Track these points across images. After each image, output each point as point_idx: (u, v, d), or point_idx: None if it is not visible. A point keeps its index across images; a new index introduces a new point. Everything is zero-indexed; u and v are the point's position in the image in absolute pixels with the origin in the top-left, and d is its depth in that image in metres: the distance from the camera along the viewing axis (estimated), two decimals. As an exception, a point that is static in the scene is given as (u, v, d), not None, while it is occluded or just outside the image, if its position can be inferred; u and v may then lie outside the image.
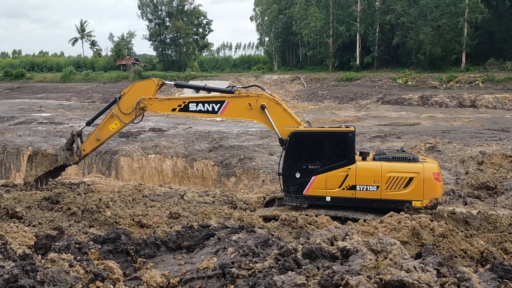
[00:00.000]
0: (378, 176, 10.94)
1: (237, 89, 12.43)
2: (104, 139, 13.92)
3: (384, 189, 10.90)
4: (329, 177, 11.31)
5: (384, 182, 10.88)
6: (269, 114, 11.95)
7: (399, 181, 10.84)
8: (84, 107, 48.09)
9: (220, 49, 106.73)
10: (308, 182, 11.48)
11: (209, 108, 12.50)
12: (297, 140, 11.64)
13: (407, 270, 3.30)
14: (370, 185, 11.00)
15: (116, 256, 5.43)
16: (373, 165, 11.17)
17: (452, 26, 53.06)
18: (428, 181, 10.74)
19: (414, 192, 10.79)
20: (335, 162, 11.29)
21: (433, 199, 10.78)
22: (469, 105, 40.91)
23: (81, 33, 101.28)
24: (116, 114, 13.39)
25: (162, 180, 22.90)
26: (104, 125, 13.70)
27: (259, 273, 3.87)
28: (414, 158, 11.24)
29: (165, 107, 13.28)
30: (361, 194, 11.07)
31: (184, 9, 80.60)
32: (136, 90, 13.35)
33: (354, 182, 11.09)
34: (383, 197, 10.92)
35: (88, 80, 72.78)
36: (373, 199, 11.00)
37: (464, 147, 20.88)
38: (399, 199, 10.79)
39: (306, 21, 63.02)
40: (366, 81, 53.17)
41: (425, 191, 10.77)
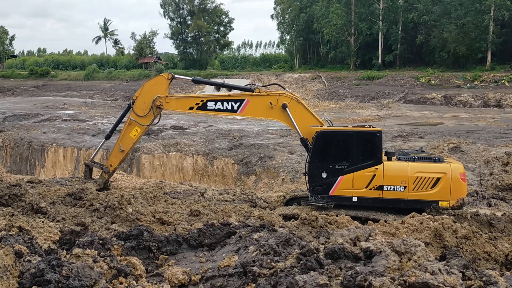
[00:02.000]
0: (406, 176, 10.93)
1: (257, 87, 12.32)
2: (128, 148, 13.41)
3: (412, 189, 10.90)
4: (356, 177, 11.25)
5: (411, 183, 10.88)
6: (290, 113, 11.88)
7: (427, 181, 10.85)
8: (106, 105, 48.84)
9: (241, 48, 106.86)
10: (334, 182, 11.41)
11: (228, 106, 12.35)
12: (324, 139, 11.58)
13: (432, 272, 3.25)
14: (398, 185, 10.99)
15: (139, 252, 5.50)
16: (401, 165, 11.13)
17: (477, 24, 51.94)
18: (455, 181, 10.75)
19: (441, 192, 10.80)
20: (362, 162, 11.24)
21: (459, 199, 10.79)
22: (494, 104, 40.02)
23: (105, 32, 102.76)
24: (134, 119, 12.95)
25: (183, 177, 23.10)
26: (124, 134, 13.22)
27: (280, 272, 3.87)
28: (439, 159, 11.23)
29: (182, 106, 13.02)
30: (388, 194, 11.03)
31: (205, 7, 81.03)
32: (147, 90, 12.97)
33: (382, 182, 11.06)
34: (410, 197, 10.91)
35: (110, 78, 73.87)
36: (400, 199, 10.98)
37: (489, 147, 20.45)
38: (426, 199, 10.82)
39: (327, 20, 62.58)
40: (388, 80, 52.52)
41: (452, 191, 10.78)
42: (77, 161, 25.49)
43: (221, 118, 39.55)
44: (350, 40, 63.94)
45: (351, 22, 63.02)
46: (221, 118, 40.21)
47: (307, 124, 11.91)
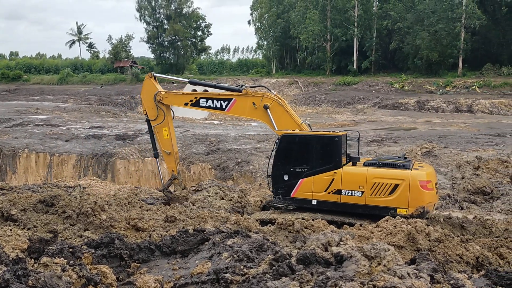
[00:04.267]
0: (363, 181, 10.82)
1: (245, 88, 12.70)
2: (171, 148, 13.89)
3: (369, 195, 10.76)
4: (315, 181, 11.37)
5: (369, 188, 10.74)
6: (271, 114, 12.14)
7: (385, 188, 10.63)
8: (81, 110, 48.00)
9: (219, 53, 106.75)
10: (295, 185, 11.58)
11: (217, 104, 12.86)
12: (286, 143, 11.81)
13: (401, 276, 3.28)
14: (355, 190, 10.91)
15: (110, 260, 5.39)
16: (359, 170, 11.07)
17: (449, 31, 53.30)
18: (414, 189, 10.42)
19: (399, 200, 10.52)
20: (321, 166, 11.36)
21: (419, 208, 10.34)
22: (465, 110, 41.06)
23: (79, 36, 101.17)
24: (155, 125, 13.72)
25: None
26: (160, 141, 13.89)
27: (253, 279, 3.85)
28: (404, 165, 10.87)
29: (178, 101, 13.68)
30: (346, 199, 11.02)
31: (182, 12, 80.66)
32: (145, 96, 13.82)
33: (340, 187, 11.06)
34: (368, 203, 10.78)
35: (85, 83, 72.71)
36: (358, 205, 10.89)
37: (461, 152, 20.92)
38: (384, 206, 10.60)
39: (304, 26, 63.23)
40: (363, 86, 53.32)
41: (411, 199, 10.42)
42: (50, 167, 24.93)
43: (198, 123, 39.37)
44: (326, 46, 64.70)
45: (327, 28, 63.81)
46: (198, 123, 40.03)
47: (285, 126, 12.11)
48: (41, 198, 11.13)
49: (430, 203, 10.67)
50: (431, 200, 10.75)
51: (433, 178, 11.13)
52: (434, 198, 10.93)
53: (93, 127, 33.58)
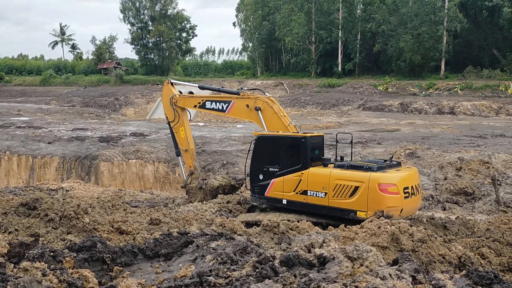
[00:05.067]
0: (327, 182, 10.85)
1: (243, 91, 13.26)
2: (188, 146, 15.26)
3: (332, 197, 10.77)
4: (285, 181, 11.59)
5: (331, 189, 10.76)
6: (262, 116, 12.63)
7: (346, 190, 10.57)
8: (63, 111, 47.37)
9: (204, 54, 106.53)
10: (269, 184, 11.90)
11: (219, 106, 13.63)
12: (261, 143, 12.24)
13: (383, 277, 3.30)
14: (319, 191, 10.98)
15: (92, 264, 5.31)
16: (323, 171, 11.12)
17: (432, 34, 54.10)
18: (372, 192, 10.22)
19: (359, 202, 10.38)
20: (290, 166, 11.59)
21: (378, 211, 10.05)
22: (447, 112, 41.64)
23: (61, 37, 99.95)
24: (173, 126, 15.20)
25: (143, 185, 22.67)
26: (178, 140, 15.40)
27: (236, 282, 3.83)
28: (370, 167, 10.63)
29: (189, 103, 14.76)
30: (312, 199, 11.12)
31: (167, 13, 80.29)
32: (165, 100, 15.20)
33: (306, 187, 11.19)
34: (331, 205, 10.80)
35: (68, 84, 71.77)
36: (322, 206, 10.95)
37: (443, 153, 21.19)
38: (345, 208, 10.56)
39: (289, 28, 63.50)
40: (348, 88, 53.72)
41: (370, 202, 10.25)
42: (32, 169, 24.53)
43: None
44: (311, 48, 65.06)
45: (312, 30, 64.17)
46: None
47: (274, 128, 12.52)
48: (23, 201, 10.96)
49: (391, 208, 10.24)
50: (394, 205, 10.29)
51: (405, 182, 10.60)
52: (398, 202, 10.37)
53: (76, 129, 33.17)
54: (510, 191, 16.57)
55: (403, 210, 10.40)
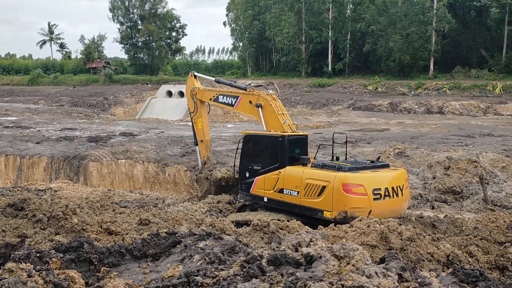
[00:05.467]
0: (299, 181, 10.94)
1: (250, 87, 13.53)
2: (203, 137, 15.84)
3: (303, 196, 10.85)
4: (266, 179, 11.82)
5: (303, 188, 10.82)
6: (262, 113, 12.77)
7: (314, 189, 10.60)
8: (52, 111, 46.93)
9: (194, 54, 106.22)
10: (253, 182, 12.17)
11: (229, 101, 13.89)
12: (247, 142, 12.62)
13: (369, 275, 3.32)
14: (293, 190, 11.09)
15: (79, 265, 5.27)
16: (297, 170, 11.22)
17: (421, 34, 54.52)
18: (337, 192, 10.15)
19: (325, 202, 10.37)
20: (270, 165, 11.82)
21: (341, 212, 10.04)
22: (436, 111, 41.99)
23: (50, 36, 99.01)
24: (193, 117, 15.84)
25: (133, 185, 22.52)
26: (196, 131, 16.03)
27: (223, 281, 3.83)
28: (340, 167, 10.54)
29: (206, 96, 15.01)
30: (287, 198, 11.25)
31: (156, 12, 79.92)
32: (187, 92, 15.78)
33: (282, 186, 11.35)
34: (302, 203, 10.88)
35: (56, 83, 71.12)
36: (295, 204, 11.07)
37: (432, 152, 21.35)
38: (313, 207, 10.59)
39: (279, 28, 63.56)
40: (338, 87, 53.91)
41: (334, 202, 10.20)
42: (20, 170, 24.26)
43: (173, 125, 39.04)
44: (301, 48, 65.19)
45: (302, 30, 64.30)
46: (173, 124, 39.69)
47: (272, 126, 12.65)
48: (11, 202, 10.86)
49: (357, 209, 10.10)
50: (359, 206, 10.15)
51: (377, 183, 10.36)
52: (365, 204, 10.20)
53: (64, 129, 32.88)
54: (497, 189, 16.76)
55: (372, 212, 10.08)
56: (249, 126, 37.12)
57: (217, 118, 45.57)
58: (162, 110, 48.14)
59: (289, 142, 11.68)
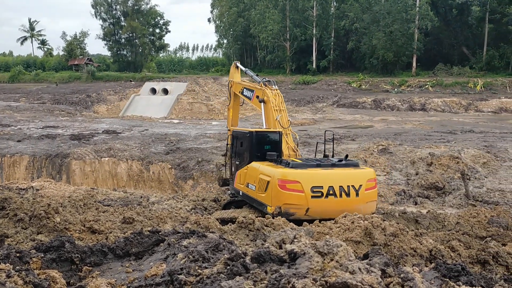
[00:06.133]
0: (256, 176, 11.28)
1: (262, 81, 13.55)
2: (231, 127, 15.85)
3: (257, 190, 11.15)
4: (241, 174, 12.25)
5: (257, 183, 11.12)
6: (264, 108, 12.97)
7: (263, 184, 10.82)
8: (33, 109, 46.16)
9: (178, 50, 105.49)
10: (235, 176, 12.66)
11: (248, 94, 14.03)
12: (233, 138, 13.20)
13: (352, 271, 3.33)
14: (252, 184, 11.46)
15: (60, 265, 5.18)
16: (256, 166, 11.51)
17: (404, 32, 55.03)
18: (274, 188, 10.28)
19: (267, 197, 10.57)
20: (244, 160, 12.30)
21: (277, 207, 10.12)
22: (419, 108, 42.49)
23: (31, 32, 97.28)
24: (228, 106, 16.25)
25: (117, 184, 22.32)
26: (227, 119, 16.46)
27: (207, 279, 3.80)
28: (288, 163, 10.60)
29: (237, 89, 15.13)
30: (250, 192, 11.59)
31: (140, 9, 79.14)
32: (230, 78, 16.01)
33: (248, 180, 11.74)
34: (257, 198, 11.20)
35: (38, 81, 69.96)
36: (254, 198, 11.42)
37: (414, 149, 21.60)
38: (262, 202, 10.85)
39: (264, 25, 63.49)
40: (322, 85, 54.15)
41: (272, 197, 10.35)
42: (1, 168, 23.83)
43: (157, 122, 38.73)
44: (286, 45, 65.26)
45: (286, 28, 64.35)
46: (157, 121, 39.38)
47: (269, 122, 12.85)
48: (-10, 202, 10.61)
49: (292, 205, 10.13)
50: (294, 202, 10.14)
51: (319, 181, 10.23)
52: (302, 201, 10.13)
53: (46, 127, 32.39)
54: (478, 185, 17.05)
55: (310, 209, 10.08)
56: (234, 123, 37.04)
57: (202, 116, 45.39)
58: (146, 107, 47.77)
59: (257, 138, 11.98)
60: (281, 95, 13.07)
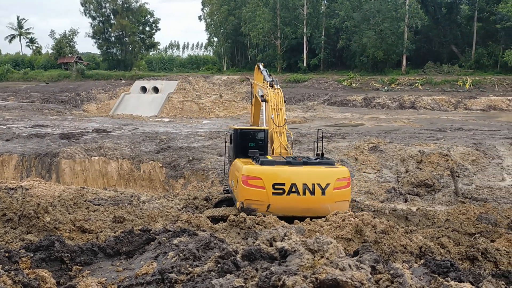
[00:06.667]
0: (233, 173, 11.66)
1: (269, 81, 13.73)
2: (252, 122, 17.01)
3: (234, 186, 11.44)
4: (230, 170, 12.59)
5: (235, 180, 11.35)
6: (264, 108, 13.18)
7: (236, 180, 11.09)
8: (22, 107, 45.70)
9: (168, 49, 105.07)
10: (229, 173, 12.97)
11: (260, 93, 14.10)
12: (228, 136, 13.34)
13: (342, 268, 3.36)
14: (233, 180, 11.71)
15: (50, 264, 5.15)
16: (236, 162, 11.77)
17: (394, 30, 55.32)
18: (239, 183, 10.41)
19: (237, 192, 10.84)
20: (232, 157, 12.65)
21: (241, 203, 10.31)
22: (409, 106, 42.78)
23: (19, 30, 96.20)
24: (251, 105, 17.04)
25: (107, 183, 22.18)
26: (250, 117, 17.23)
27: (197, 277, 3.80)
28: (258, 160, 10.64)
29: (256, 89, 15.55)
30: (233, 188, 11.82)
31: (130, 7, 78.60)
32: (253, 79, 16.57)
33: (231, 177, 12.05)
34: (234, 194, 11.59)
35: (26, 79, 69.27)
36: (233, 195, 11.78)
37: (405, 146, 21.76)
38: (235, 198, 11.18)
39: (254, 23, 63.43)
40: (313, 83, 54.27)
41: (238, 193, 10.59)
42: (-11, 168, 23.55)
43: (147, 121, 38.55)
44: (277, 43, 65.27)
45: (277, 26, 64.35)
46: (148, 120, 39.20)
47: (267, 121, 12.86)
48: (-22, 201, 10.49)
49: (253, 201, 10.17)
50: (255, 198, 10.17)
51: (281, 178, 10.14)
52: (263, 197, 10.13)
53: (36, 126, 32.10)
54: (468, 182, 17.23)
55: (271, 206, 10.08)
56: (225, 122, 37.01)
57: (193, 114, 45.28)
58: (136, 106, 47.54)
59: (240, 135, 12.32)
60: (281, 94, 13.06)
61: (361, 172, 18.75)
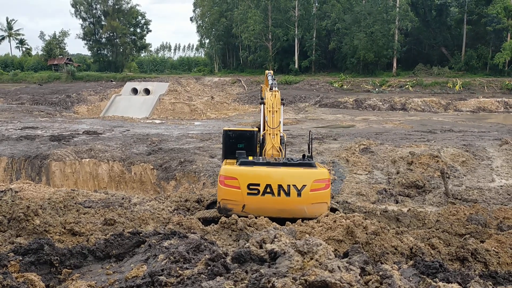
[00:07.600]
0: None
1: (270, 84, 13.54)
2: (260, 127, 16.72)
3: None
4: None
5: None
6: (263, 109, 13.02)
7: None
8: (12, 109, 45.27)
9: (159, 50, 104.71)
10: None
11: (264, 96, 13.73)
12: None
13: (331, 270, 3.37)
14: None
15: (39, 267, 5.10)
16: (224, 164, 11.80)
17: (384, 32, 55.70)
18: (218, 184, 10.69)
19: (217, 192, 10.97)
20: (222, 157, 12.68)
21: (218, 202, 10.46)
22: (399, 108, 43.05)
23: (8, 31, 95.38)
24: None
25: (98, 185, 22.03)
26: None
27: (187, 280, 3.80)
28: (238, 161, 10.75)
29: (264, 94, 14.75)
30: None
31: (121, 8, 78.31)
32: None
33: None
34: None
35: (16, 81, 68.68)
36: None
37: (395, 148, 21.87)
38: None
39: (246, 25, 63.50)
40: (304, 85, 54.41)
41: (217, 193, 10.69)
42: (-22, 171, 23.29)
43: (138, 123, 38.38)
44: (268, 45, 65.38)
45: (268, 28, 64.47)
46: (139, 122, 39.03)
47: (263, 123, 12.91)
48: (-34, 204, 10.38)
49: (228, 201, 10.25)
50: (230, 198, 10.24)
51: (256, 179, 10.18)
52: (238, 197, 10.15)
53: (25, 128, 31.80)
54: (458, 183, 17.37)
55: (246, 206, 10.08)
56: (217, 123, 36.97)
57: (184, 116, 45.17)
58: (127, 107, 47.32)
59: (228, 136, 12.44)
60: (278, 96, 13.04)
61: (352, 173, 18.81)
